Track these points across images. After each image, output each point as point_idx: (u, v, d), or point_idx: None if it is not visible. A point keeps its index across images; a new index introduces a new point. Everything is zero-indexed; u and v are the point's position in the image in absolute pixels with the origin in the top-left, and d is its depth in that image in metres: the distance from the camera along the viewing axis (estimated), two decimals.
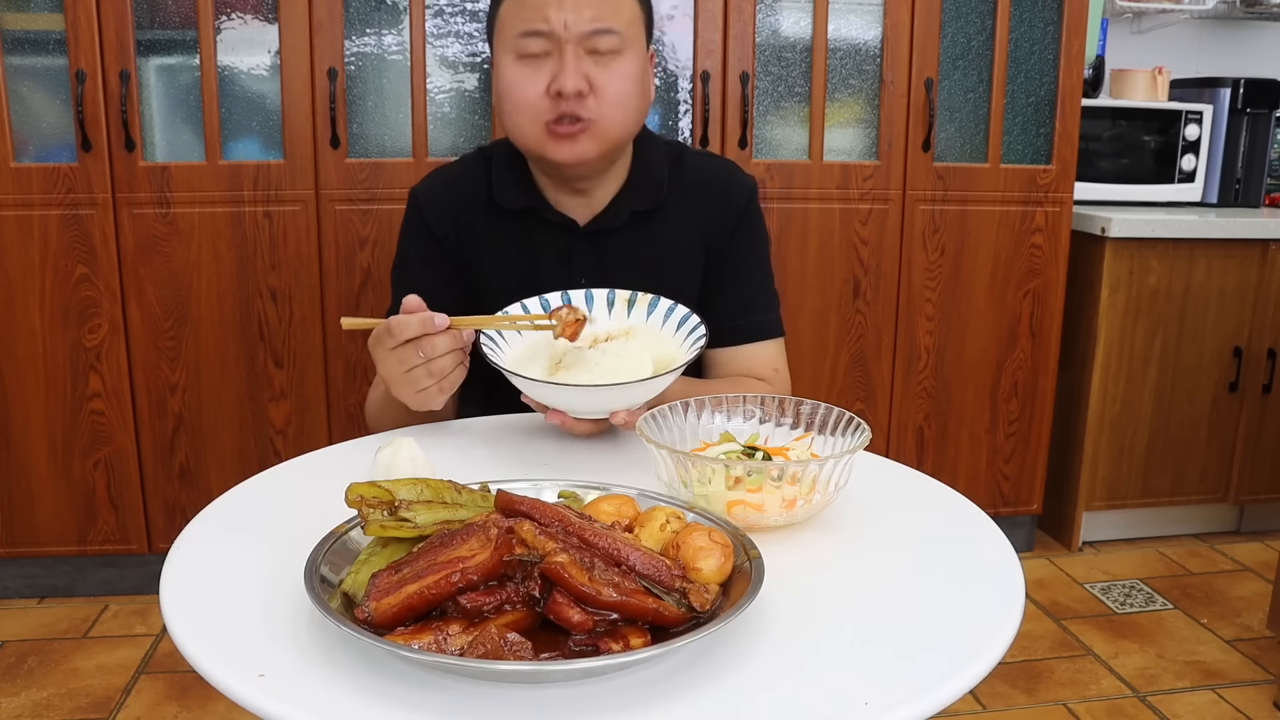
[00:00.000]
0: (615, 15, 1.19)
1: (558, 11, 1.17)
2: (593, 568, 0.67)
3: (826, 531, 0.90)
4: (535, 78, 1.19)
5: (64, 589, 2.33)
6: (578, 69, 1.18)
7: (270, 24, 2.08)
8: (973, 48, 2.35)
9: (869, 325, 2.42)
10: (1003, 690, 2.04)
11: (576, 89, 1.17)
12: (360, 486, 0.75)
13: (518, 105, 1.20)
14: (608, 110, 1.20)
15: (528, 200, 1.30)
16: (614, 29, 1.19)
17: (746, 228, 1.36)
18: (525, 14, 1.18)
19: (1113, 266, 2.51)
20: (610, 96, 1.20)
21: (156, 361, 2.18)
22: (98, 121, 2.05)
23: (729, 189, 1.36)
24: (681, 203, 1.34)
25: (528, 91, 1.19)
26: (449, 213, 1.32)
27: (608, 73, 1.19)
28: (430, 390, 1.06)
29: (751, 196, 1.37)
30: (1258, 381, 2.67)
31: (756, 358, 1.35)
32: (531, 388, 1.04)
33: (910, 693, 0.65)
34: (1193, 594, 2.46)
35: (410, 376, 1.05)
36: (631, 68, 1.21)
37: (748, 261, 1.36)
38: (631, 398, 1.03)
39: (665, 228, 1.33)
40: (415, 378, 1.05)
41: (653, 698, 0.64)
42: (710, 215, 1.34)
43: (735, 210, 1.35)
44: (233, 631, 0.71)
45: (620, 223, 1.30)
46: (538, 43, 1.18)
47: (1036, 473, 2.60)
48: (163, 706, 1.92)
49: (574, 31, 1.17)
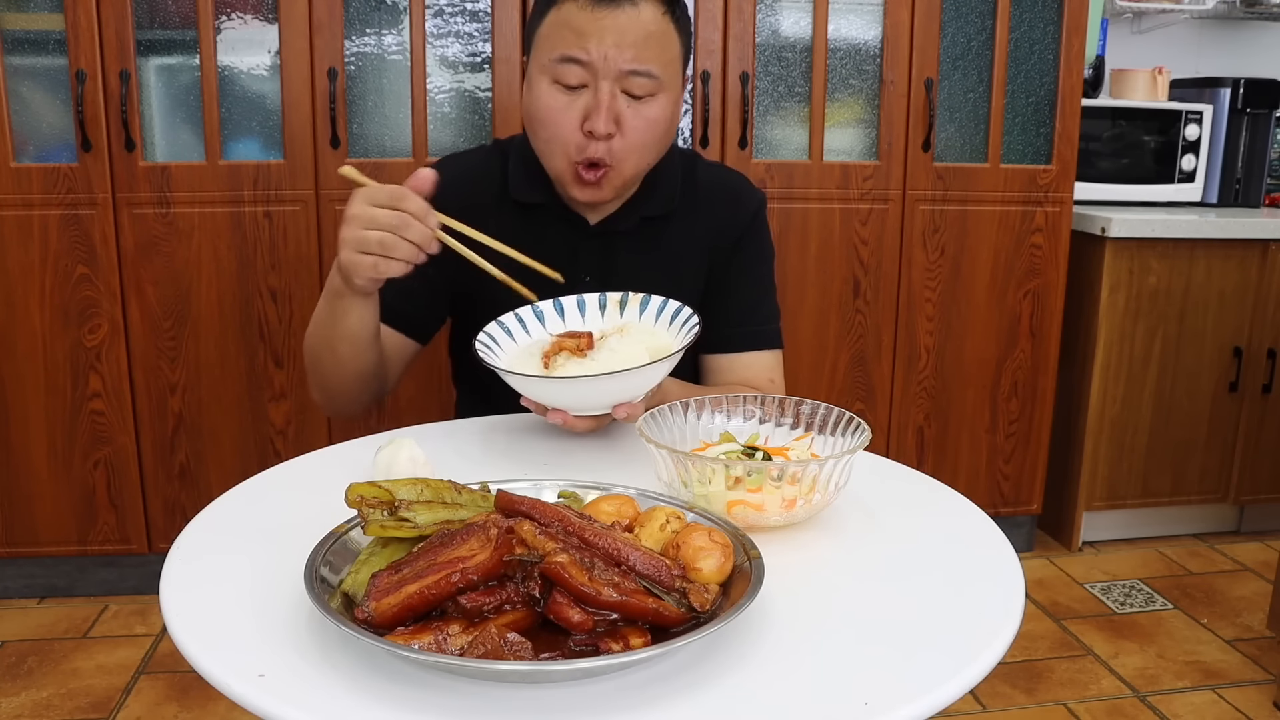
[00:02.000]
0: (657, 55, 1.18)
1: (599, 45, 1.16)
2: (593, 568, 0.67)
3: (826, 531, 0.90)
4: (570, 109, 1.18)
5: (64, 589, 2.33)
6: (610, 109, 1.17)
7: (270, 24, 2.08)
8: (973, 48, 2.36)
9: (869, 325, 2.42)
10: (1003, 690, 2.04)
11: (607, 131, 1.17)
12: (360, 486, 0.75)
13: (552, 135, 1.20)
14: (629, 154, 1.21)
15: (541, 195, 1.30)
16: (652, 72, 1.18)
17: (752, 239, 1.37)
18: (567, 38, 1.17)
19: (1113, 266, 2.51)
20: (633, 141, 1.20)
21: (156, 361, 2.18)
22: (98, 121, 2.05)
23: (738, 200, 1.37)
24: (691, 211, 1.34)
25: (562, 123, 1.19)
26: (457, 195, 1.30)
27: (636, 116, 1.19)
28: (366, 260, 1.05)
29: (760, 209, 1.38)
30: (1258, 381, 2.67)
31: (753, 367, 1.35)
32: (529, 385, 1.03)
33: (910, 693, 0.65)
34: (1193, 594, 2.46)
35: (365, 236, 1.04)
36: (661, 113, 1.21)
37: (751, 272, 1.37)
38: (631, 387, 1.02)
39: (673, 234, 1.33)
40: (367, 239, 1.04)
41: (653, 698, 0.64)
42: (718, 225, 1.35)
43: (743, 221, 1.36)
44: (233, 631, 0.71)
45: (630, 225, 1.31)
46: (575, 72, 1.17)
47: (1036, 473, 2.60)
48: (163, 706, 1.92)
49: (612, 68, 1.16)
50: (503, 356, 1.11)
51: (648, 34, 1.17)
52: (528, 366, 1.08)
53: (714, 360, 1.36)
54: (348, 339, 1.16)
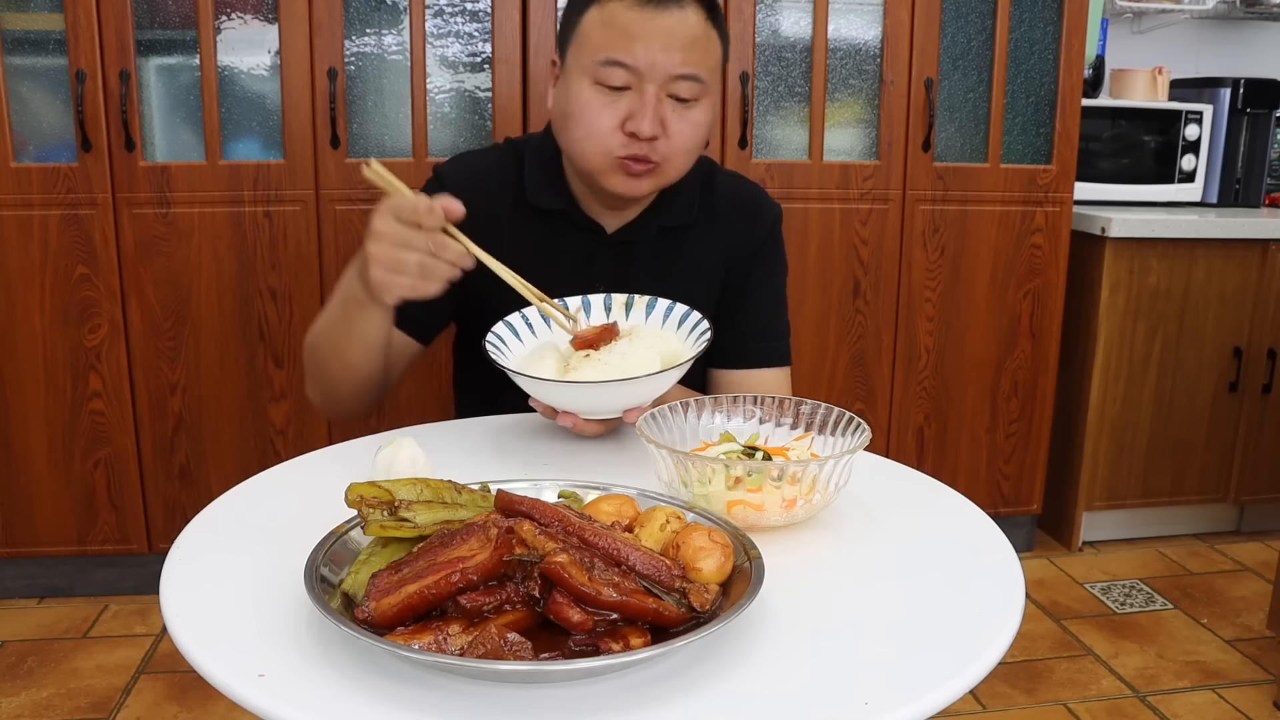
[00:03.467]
0: (702, 61, 1.17)
1: (646, 50, 1.14)
2: (593, 568, 0.67)
3: (826, 531, 0.90)
4: (610, 109, 1.17)
5: (64, 589, 2.33)
6: (656, 113, 1.16)
7: (270, 24, 2.08)
8: (973, 48, 2.35)
9: (869, 325, 2.42)
10: (1003, 690, 2.04)
11: (653, 134, 1.16)
12: (360, 486, 0.75)
13: (589, 133, 1.18)
14: (675, 156, 1.20)
15: (560, 202, 1.28)
16: (698, 76, 1.17)
17: (768, 253, 1.36)
18: (613, 40, 1.15)
19: (1113, 266, 2.51)
20: (679, 144, 1.19)
21: (156, 361, 2.18)
22: (98, 121, 2.05)
23: (756, 212, 1.36)
24: (707, 222, 1.33)
25: (602, 123, 1.17)
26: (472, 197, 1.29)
27: (681, 120, 1.18)
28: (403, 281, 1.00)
29: (776, 222, 1.37)
30: (1258, 381, 2.67)
31: (762, 383, 1.34)
32: (542, 388, 1.03)
33: (910, 693, 0.65)
34: (1193, 594, 2.46)
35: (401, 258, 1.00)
36: (704, 117, 1.20)
37: (765, 286, 1.36)
38: (643, 393, 1.02)
39: (689, 244, 1.32)
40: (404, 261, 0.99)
41: (653, 698, 0.64)
42: (735, 237, 1.34)
43: (760, 235, 1.35)
44: (233, 631, 0.71)
45: (648, 235, 1.30)
46: (620, 74, 1.15)
47: (1036, 473, 2.60)
48: (163, 706, 1.92)
49: (660, 73, 1.15)
50: (511, 357, 1.10)
51: (694, 38, 1.16)
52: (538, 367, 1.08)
53: (724, 375, 1.35)
54: (361, 346, 1.14)
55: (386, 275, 1.01)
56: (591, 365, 1.06)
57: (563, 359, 1.09)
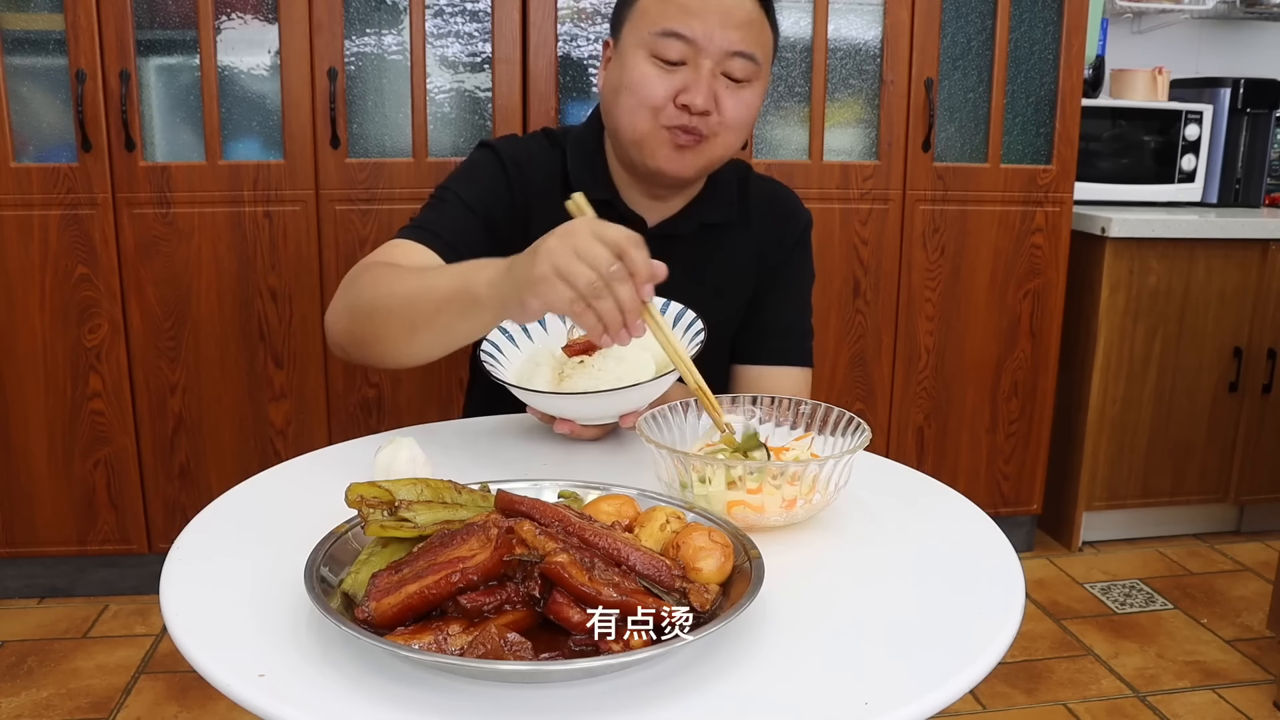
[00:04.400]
0: (757, 41, 1.19)
1: (704, 24, 1.15)
2: (593, 568, 0.67)
3: (826, 531, 0.90)
4: (665, 81, 1.17)
5: (64, 589, 2.33)
6: (710, 87, 1.17)
7: (270, 24, 2.08)
8: (973, 48, 2.35)
9: (869, 325, 2.42)
10: (1003, 690, 2.04)
11: (705, 108, 1.17)
12: (360, 486, 0.75)
13: (641, 101, 1.18)
14: (725, 134, 1.20)
15: (605, 192, 1.28)
16: (754, 56, 1.18)
17: (798, 258, 1.38)
18: (670, 13, 1.16)
19: (1113, 266, 2.51)
20: (731, 121, 1.19)
21: (156, 361, 2.18)
22: (98, 121, 2.05)
23: (790, 217, 1.37)
24: (744, 223, 1.34)
25: (655, 92, 1.17)
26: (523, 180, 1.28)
27: (734, 98, 1.19)
28: (565, 294, 0.87)
29: (807, 228, 1.39)
30: (1258, 381, 2.66)
31: (782, 381, 1.35)
32: (538, 400, 1.04)
33: (910, 693, 0.65)
34: (1193, 594, 2.46)
35: (575, 269, 0.86)
36: (755, 99, 1.22)
37: (792, 289, 1.37)
38: (637, 400, 1.03)
39: (727, 244, 1.33)
40: (577, 273, 0.86)
41: (653, 698, 0.64)
42: (769, 240, 1.35)
43: (791, 239, 1.37)
44: (233, 631, 0.71)
45: (689, 230, 1.30)
46: (676, 47, 1.16)
47: (1036, 473, 2.60)
48: (163, 706, 1.92)
49: (716, 48, 1.16)
50: (508, 366, 1.11)
51: (750, 19, 1.18)
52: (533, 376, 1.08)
53: (745, 371, 1.36)
54: (443, 335, 1.03)
55: (552, 282, 0.87)
56: (585, 373, 1.06)
57: (558, 365, 1.10)
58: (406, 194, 2.16)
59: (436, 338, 1.03)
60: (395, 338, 1.05)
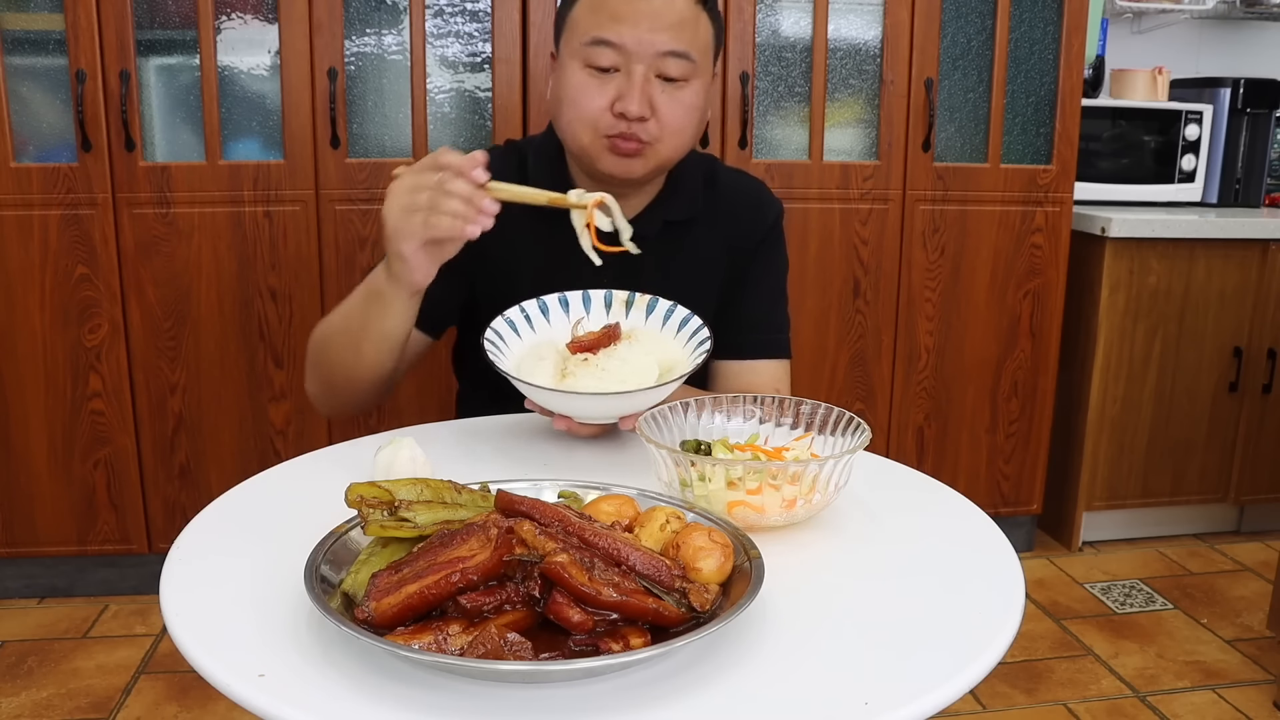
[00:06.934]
0: (691, 40, 1.18)
1: (633, 28, 1.16)
2: (593, 568, 0.67)
3: (826, 531, 0.90)
4: (600, 90, 1.18)
5: (64, 589, 2.33)
6: (644, 92, 1.17)
7: (270, 24, 2.08)
8: (973, 48, 2.35)
9: (869, 325, 2.42)
10: (1003, 690, 2.04)
11: (640, 114, 1.17)
12: (360, 486, 0.75)
13: (579, 114, 1.20)
14: (666, 136, 1.20)
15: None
16: (687, 54, 1.18)
17: (770, 248, 1.37)
18: (600, 21, 1.17)
19: (1113, 266, 2.51)
20: (670, 124, 1.19)
21: (156, 361, 2.18)
22: (98, 121, 2.05)
23: (759, 207, 1.37)
24: (712, 216, 1.34)
25: (591, 104, 1.18)
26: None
27: (671, 100, 1.19)
28: (417, 220, 1.01)
29: (778, 218, 1.38)
30: (1258, 381, 2.66)
31: (761, 375, 1.35)
32: (539, 395, 1.03)
33: (910, 693, 0.65)
34: (1193, 594, 2.46)
35: (411, 199, 1.01)
36: (695, 98, 1.21)
37: (765, 280, 1.37)
38: (638, 405, 1.03)
39: (695, 239, 1.33)
40: (416, 200, 1.01)
41: (653, 698, 0.64)
42: (738, 231, 1.35)
43: (762, 229, 1.36)
44: (233, 631, 0.71)
45: (653, 230, 1.30)
46: (607, 55, 1.17)
47: (1036, 473, 2.60)
48: (163, 706, 1.92)
49: (646, 51, 1.16)
50: (509, 355, 1.10)
51: (682, 18, 1.17)
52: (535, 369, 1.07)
53: (723, 366, 1.36)
54: (378, 340, 1.14)
55: (398, 220, 1.02)
56: (589, 371, 1.05)
57: (561, 360, 1.09)
58: None
59: (375, 342, 1.13)
60: (345, 360, 1.17)
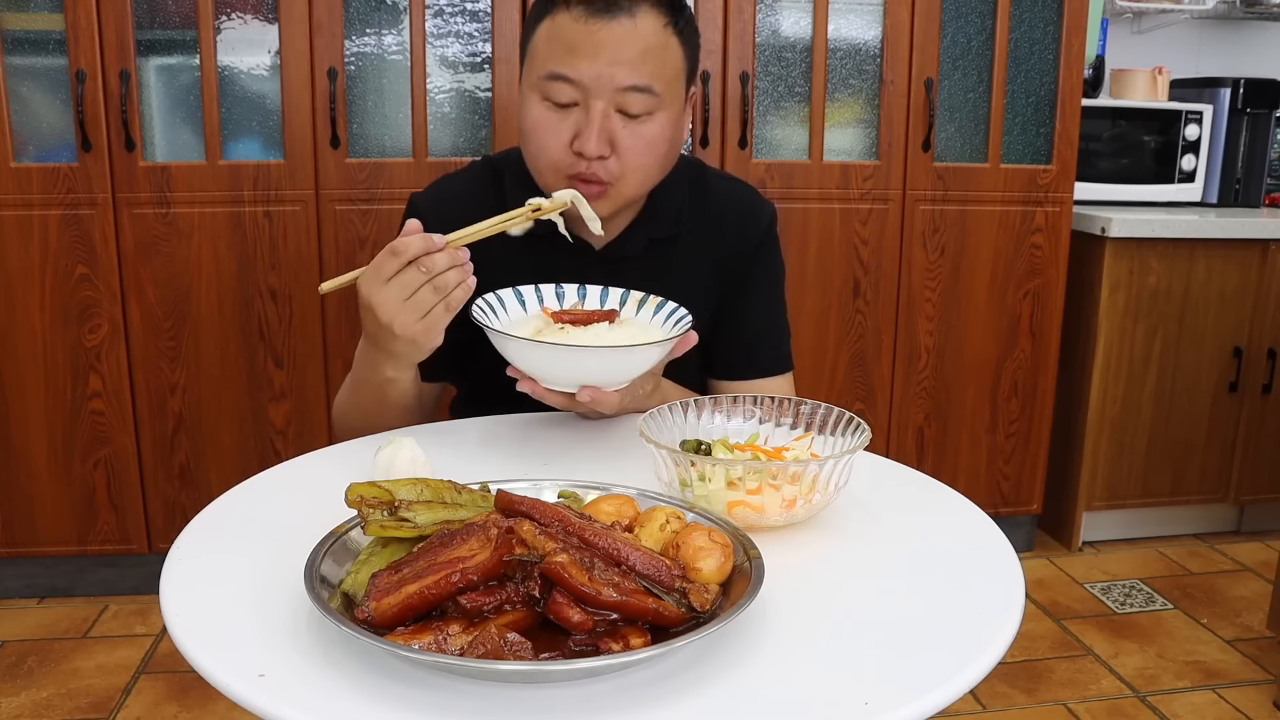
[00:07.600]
0: (656, 70, 1.12)
1: (591, 62, 1.09)
2: (593, 568, 0.67)
3: (826, 531, 0.90)
4: (559, 127, 1.13)
5: (64, 589, 2.33)
6: (603, 130, 1.11)
7: (270, 24, 2.08)
8: (973, 48, 2.35)
9: (869, 325, 2.42)
10: (1003, 690, 2.04)
11: (599, 153, 1.11)
12: (360, 486, 0.75)
13: (540, 151, 1.15)
14: (627, 174, 1.15)
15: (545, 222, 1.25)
16: (651, 88, 1.11)
17: (765, 255, 1.32)
18: (557, 53, 1.11)
19: (1113, 266, 2.51)
20: (631, 161, 1.14)
21: (156, 361, 2.18)
22: (98, 121, 2.05)
23: (749, 215, 1.31)
24: (700, 227, 1.29)
25: (550, 142, 1.14)
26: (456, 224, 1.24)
27: (633, 136, 1.13)
28: (437, 311, 1.00)
29: (771, 223, 1.33)
30: (1258, 381, 2.66)
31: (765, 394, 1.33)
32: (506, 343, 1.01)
33: (910, 693, 0.65)
34: (1193, 594, 2.46)
35: (415, 301, 0.99)
36: (660, 131, 1.14)
37: (762, 290, 1.33)
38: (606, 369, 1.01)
39: (682, 253, 1.28)
40: (421, 300, 0.99)
41: (653, 698, 0.64)
42: (729, 241, 1.30)
43: (755, 237, 1.31)
44: (233, 631, 0.71)
45: (637, 250, 1.26)
46: (565, 91, 1.11)
47: (1036, 473, 2.60)
48: (163, 706, 1.92)
49: (605, 87, 1.10)
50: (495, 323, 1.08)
51: (646, 48, 1.11)
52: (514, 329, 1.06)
53: (724, 386, 1.32)
54: (395, 408, 1.15)
55: (419, 323, 1.00)
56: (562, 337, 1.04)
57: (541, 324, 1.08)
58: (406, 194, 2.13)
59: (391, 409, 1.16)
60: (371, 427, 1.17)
